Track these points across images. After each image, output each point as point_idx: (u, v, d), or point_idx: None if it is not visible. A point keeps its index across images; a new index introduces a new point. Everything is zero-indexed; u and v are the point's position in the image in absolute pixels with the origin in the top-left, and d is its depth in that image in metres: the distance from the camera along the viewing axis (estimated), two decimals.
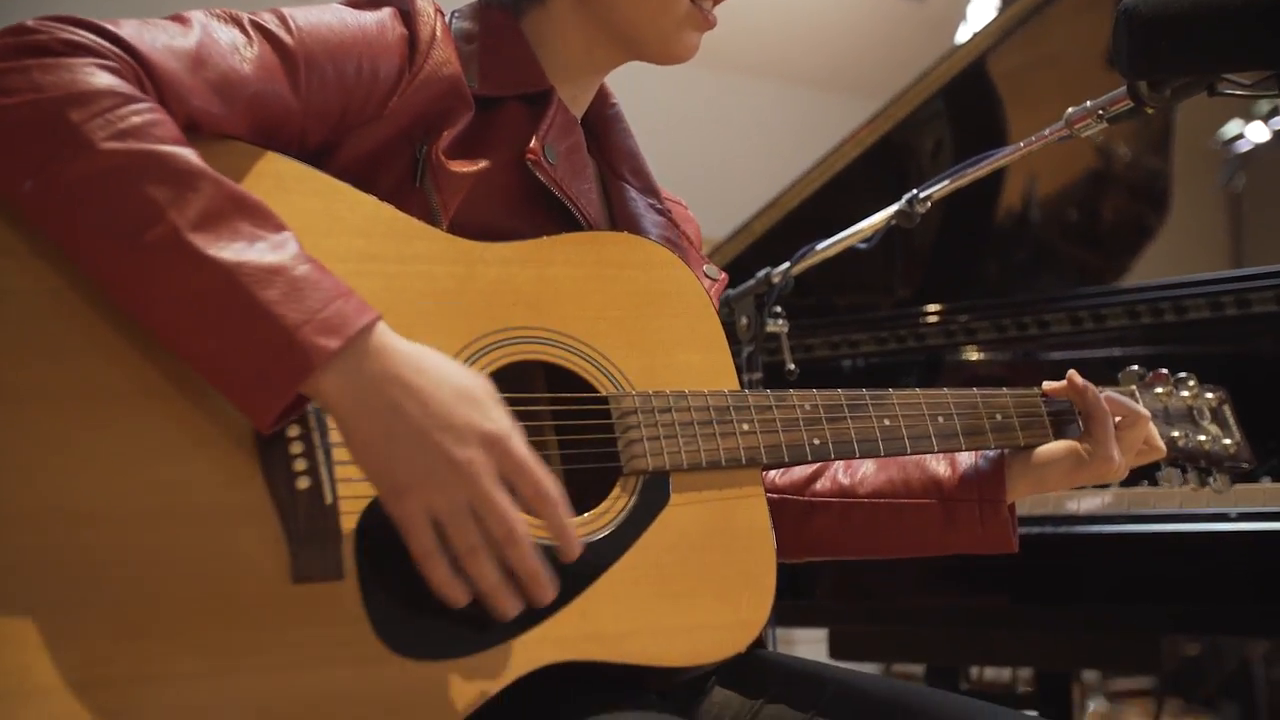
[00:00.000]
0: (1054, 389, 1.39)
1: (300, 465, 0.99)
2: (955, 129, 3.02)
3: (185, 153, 0.96)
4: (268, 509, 0.97)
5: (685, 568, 1.14)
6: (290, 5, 1.14)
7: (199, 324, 0.94)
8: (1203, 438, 1.50)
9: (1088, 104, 1.51)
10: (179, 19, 1.06)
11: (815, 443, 1.23)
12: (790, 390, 1.24)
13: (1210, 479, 1.50)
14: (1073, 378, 1.38)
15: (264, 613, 0.95)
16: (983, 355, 2.44)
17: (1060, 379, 1.39)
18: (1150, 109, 1.43)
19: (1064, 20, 2.93)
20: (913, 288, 3.09)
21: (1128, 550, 2.02)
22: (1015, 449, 1.38)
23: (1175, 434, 1.48)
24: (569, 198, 1.23)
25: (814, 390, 1.25)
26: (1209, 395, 1.53)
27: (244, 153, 1.06)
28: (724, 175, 5.59)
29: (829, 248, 1.85)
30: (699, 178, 4.10)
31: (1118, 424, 1.38)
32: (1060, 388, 1.39)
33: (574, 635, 1.07)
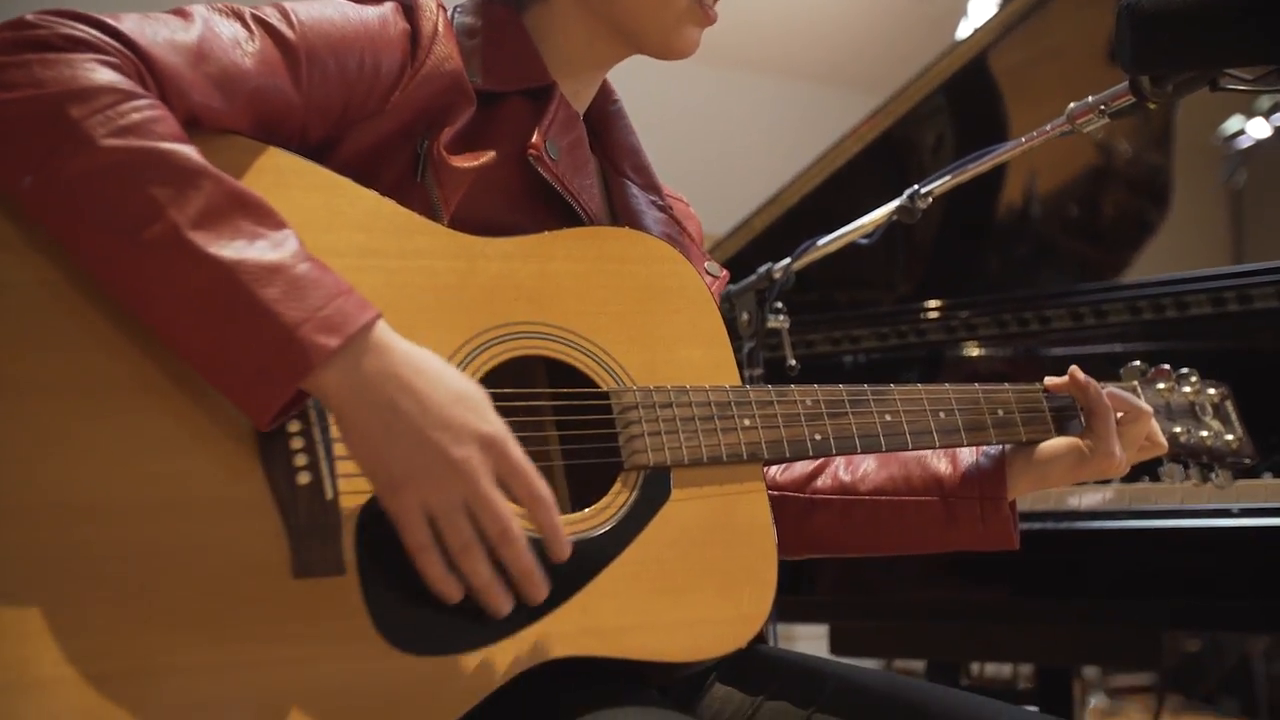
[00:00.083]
0: (1056, 384, 1.39)
1: (301, 460, 0.99)
2: (956, 125, 3.01)
3: (186, 150, 0.96)
4: (268, 503, 0.97)
5: (686, 563, 1.14)
6: None
7: (198, 322, 0.93)
8: (1205, 433, 1.49)
9: (1090, 99, 1.51)
10: (180, 13, 1.05)
11: (817, 438, 1.23)
12: (792, 385, 1.24)
13: (1212, 475, 1.50)
14: (1074, 373, 1.38)
15: (264, 607, 0.96)
16: (984, 351, 2.44)
17: (1062, 375, 1.39)
18: (1152, 104, 1.43)
19: (1065, 16, 2.92)
20: (914, 283, 3.09)
21: (1129, 546, 2.02)
22: (1017, 446, 1.38)
23: (1177, 430, 1.48)
24: (570, 193, 1.23)
25: (815, 385, 1.25)
26: (1211, 391, 1.53)
27: (245, 148, 1.06)
28: (725, 171, 5.58)
29: (830, 243, 1.85)
30: (700, 174, 4.10)
31: (1120, 419, 1.38)
32: (1062, 383, 1.39)
33: (575, 630, 1.07)
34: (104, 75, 0.95)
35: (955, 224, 3.03)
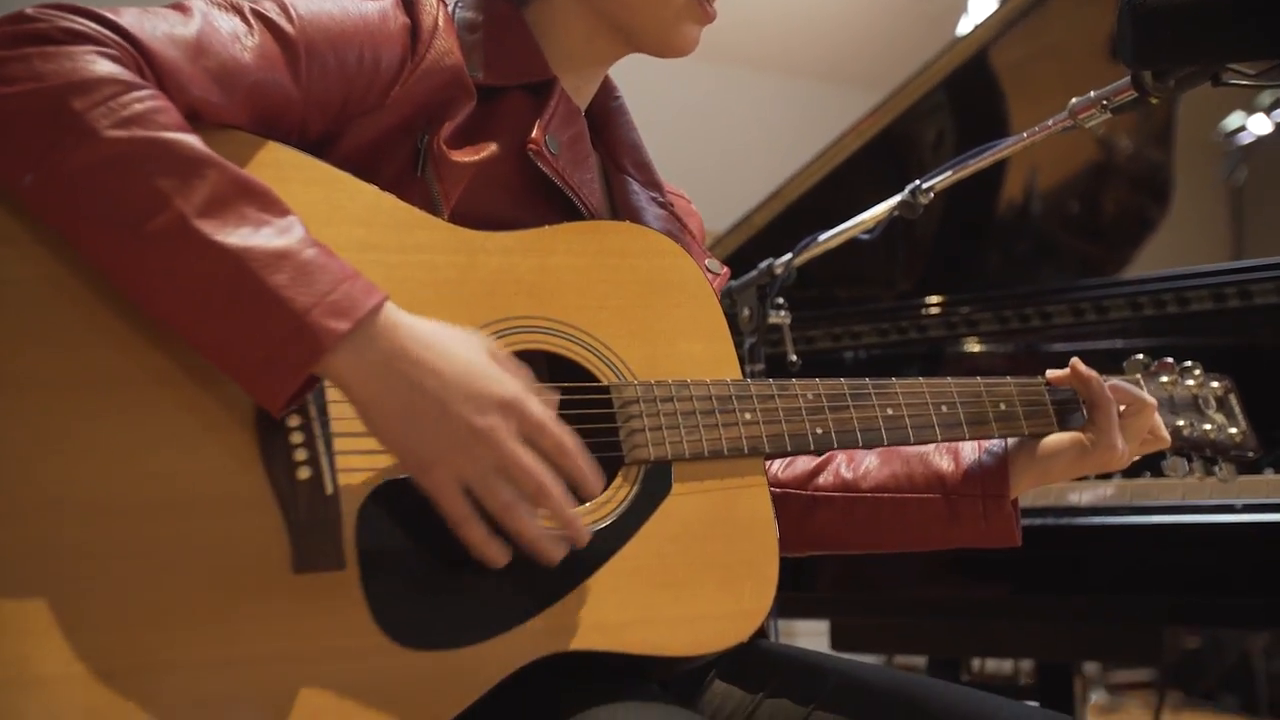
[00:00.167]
0: (1058, 377, 1.39)
1: (301, 455, 0.99)
2: (957, 121, 3.01)
3: (189, 139, 0.96)
4: (268, 499, 0.97)
5: (687, 557, 1.14)
6: None
7: (208, 310, 0.94)
8: (1208, 426, 1.49)
9: (1092, 94, 1.50)
10: (179, 7, 1.05)
11: (818, 432, 1.23)
12: (793, 379, 1.24)
13: (1216, 468, 1.50)
14: (1076, 365, 1.38)
15: (265, 603, 0.95)
16: (985, 347, 2.44)
17: (1063, 370, 1.39)
18: (1154, 99, 1.43)
19: (1065, 12, 2.92)
20: (915, 279, 3.09)
21: (1130, 542, 2.02)
22: (1018, 443, 1.38)
23: (1180, 423, 1.48)
24: (571, 187, 1.23)
25: (817, 379, 1.25)
26: (1214, 384, 1.52)
27: (244, 142, 1.05)
28: (725, 168, 5.58)
29: (831, 238, 1.85)
30: (700, 171, 4.09)
31: (1123, 412, 1.38)
32: (1064, 375, 1.38)
33: (576, 625, 1.07)
34: (105, 67, 0.95)
35: (956, 220, 3.03)
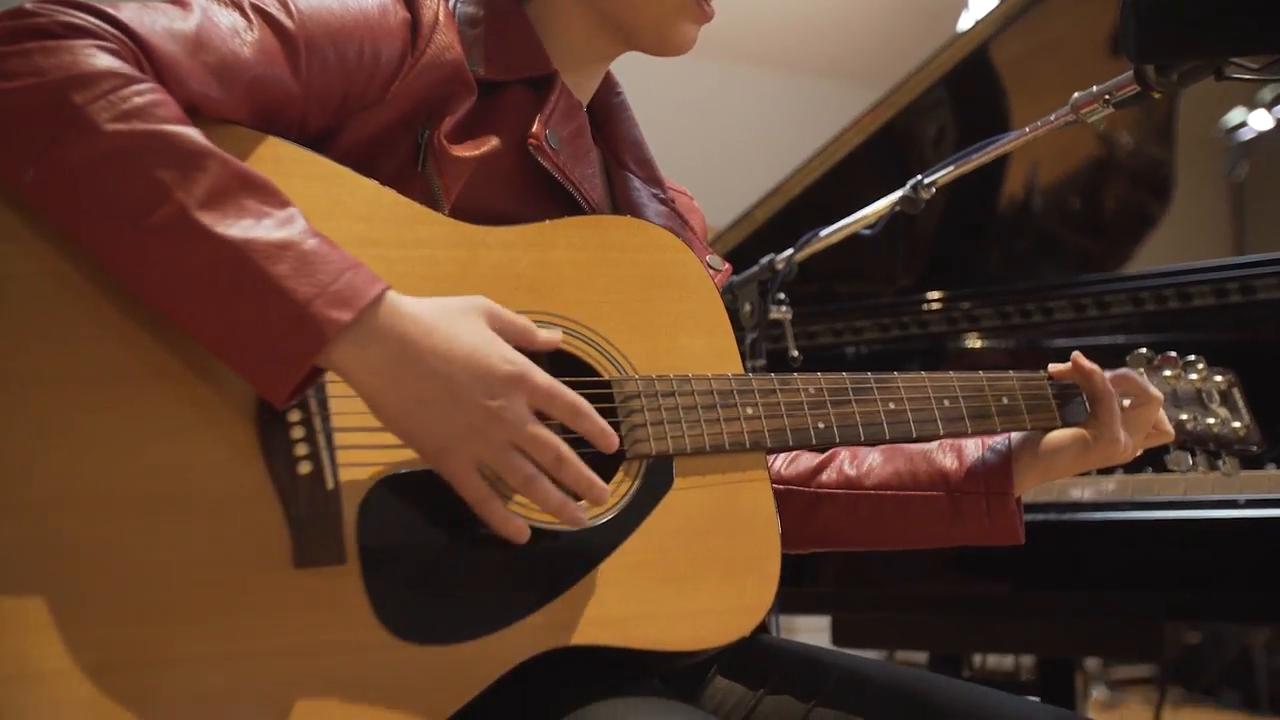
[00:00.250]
0: (1060, 371, 1.39)
1: (301, 450, 0.99)
2: (957, 117, 3.01)
3: (190, 132, 0.96)
4: (269, 494, 0.97)
5: (689, 552, 1.14)
6: None
7: (209, 302, 0.93)
8: (1211, 420, 1.49)
9: (1094, 89, 1.50)
10: (179, 2, 1.05)
11: (820, 426, 1.23)
12: (794, 374, 1.24)
13: (1219, 462, 1.49)
14: (1078, 359, 1.37)
15: (266, 597, 0.95)
16: (986, 342, 2.44)
17: (1065, 365, 1.39)
18: (1157, 93, 1.42)
19: (1066, 8, 2.91)
20: (916, 275, 3.09)
21: (1132, 537, 2.02)
22: (1022, 441, 1.38)
23: (1184, 417, 1.47)
24: (571, 182, 1.23)
25: (818, 374, 1.25)
26: (1218, 378, 1.52)
27: (244, 137, 1.05)
28: (725, 164, 5.58)
29: (833, 234, 1.85)
30: (701, 167, 4.09)
31: (1130, 404, 1.38)
32: (1066, 370, 1.38)
33: (577, 619, 1.07)
34: (105, 61, 0.94)
35: (958, 216, 3.03)
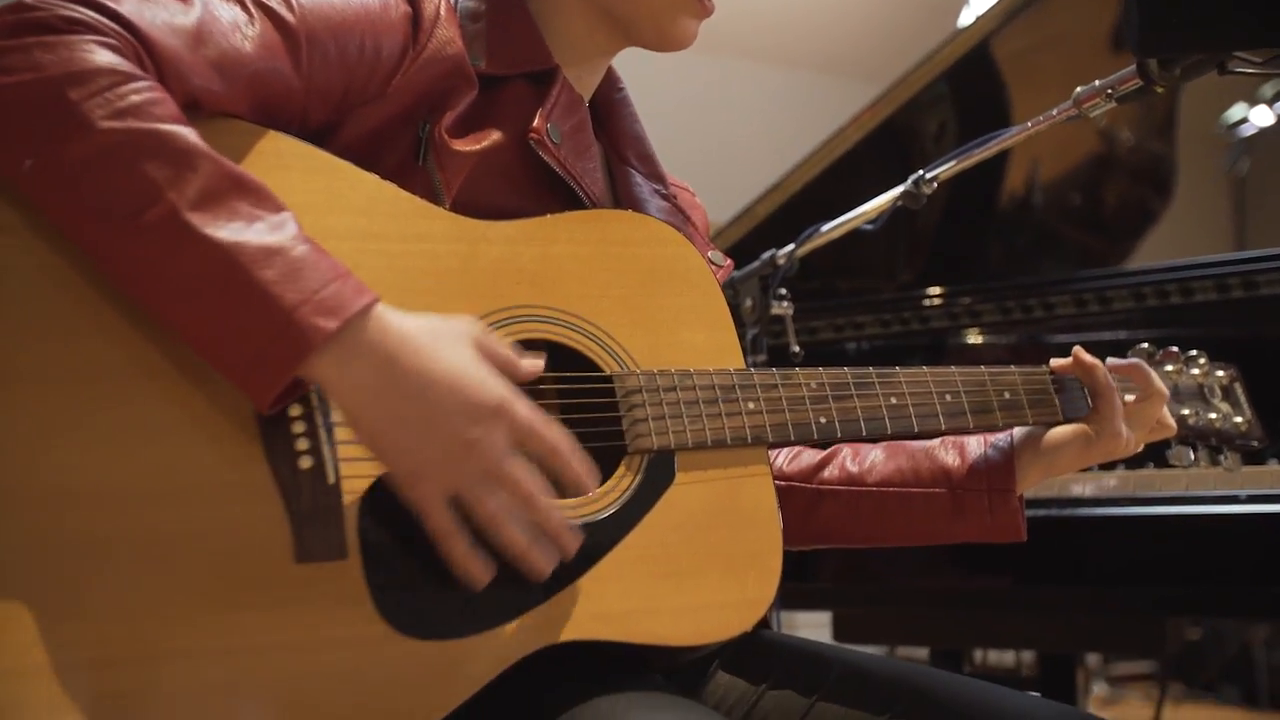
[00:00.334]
0: (1061, 366, 1.38)
1: (303, 445, 0.98)
2: (959, 112, 3.00)
3: (184, 132, 0.95)
4: (270, 489, 0.97)
5: (690, 547, 1.14)
6: None
7: (197, 304, 0.93)
8: (1213, 415, 1.49)
9: (1097, 83, 1.49)
10: None
11: (821, 421, 1.23)
12: (796, 369, 1.23)
13: (1221, 457, 1.49)
14: (1078, 354, 1.37)
15: (267, 592, 0.95)
16: (987, 338, 2.43)
17: (1066, 360, 1.38)
18: (1160, 88, 1.42)
19: (1067, 3, 2.91)
20: (917, 270, 3.08)
21: (1133, 533, 2.02)
22: (1024, 438, 1.37)
23: (1185, 412, 1.47)
24: (573, 176, 1.23)
25: (820, 369, 1.25)
26: (1220, 373, 1.52)
27: (245, 131, 1.05)
28: (726, 160, 5.57)
29: (834, 229, 1.84)
30: (702, 162, 4.09)
31: (1134, 399, 1.38)
32: (1067, 364, 1.38)
33: (579, 614, 1.07)
34: (103, 57, 0.94)
35: (959, 211, 3.02)
